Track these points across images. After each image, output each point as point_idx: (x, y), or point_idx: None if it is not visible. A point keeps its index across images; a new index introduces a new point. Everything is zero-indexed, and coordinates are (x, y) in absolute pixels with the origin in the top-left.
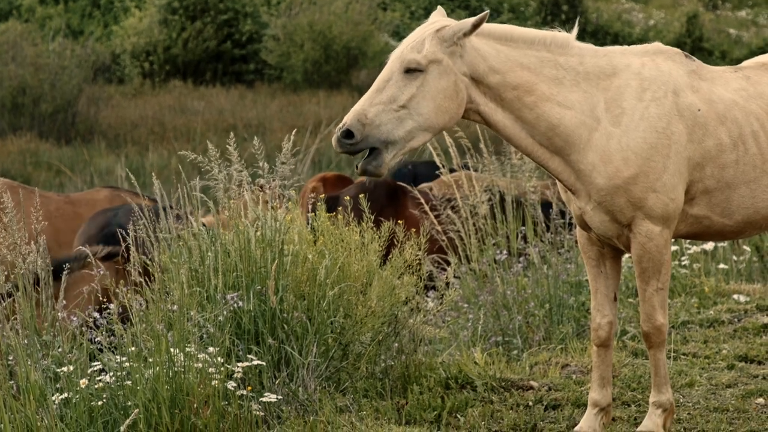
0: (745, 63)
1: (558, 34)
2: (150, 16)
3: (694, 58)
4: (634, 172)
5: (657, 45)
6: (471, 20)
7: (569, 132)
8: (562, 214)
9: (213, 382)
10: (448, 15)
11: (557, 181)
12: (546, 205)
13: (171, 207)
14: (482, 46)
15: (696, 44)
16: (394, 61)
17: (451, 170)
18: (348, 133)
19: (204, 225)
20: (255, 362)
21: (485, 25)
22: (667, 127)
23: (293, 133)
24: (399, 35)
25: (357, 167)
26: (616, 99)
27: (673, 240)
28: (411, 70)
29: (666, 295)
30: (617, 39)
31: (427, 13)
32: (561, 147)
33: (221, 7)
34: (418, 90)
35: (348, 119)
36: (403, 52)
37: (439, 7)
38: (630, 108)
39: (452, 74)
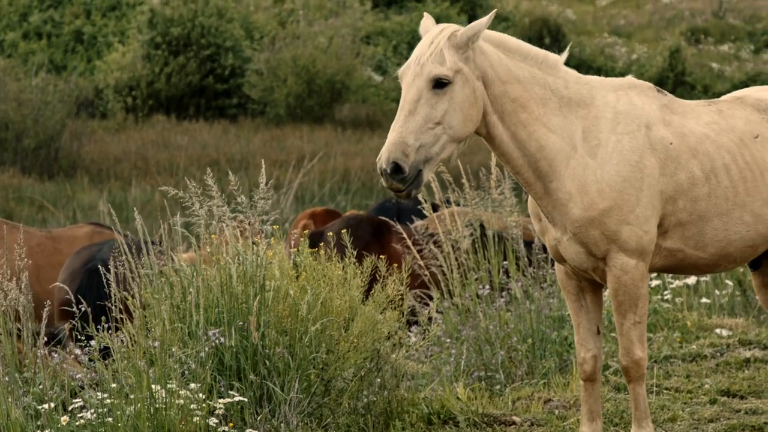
0: (722, 98)
1: (550, 54)
2: (133, 51)
3: (665, 92)
4: (609, 204)
5: (630, 79)
6: (483, 21)
7: (552, 156)
8: (545, 248)
9: (194, 419)
10: None
11: (532, 213)
12: (528, 243)
13: (153, 242)
14: (488, 50)
15: (678, 78)
16: (418, 79)
17: (434, 205)
18: (397, 168)
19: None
20: (237, 398)
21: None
22: (640, 161)
23: (263, 165)
24: (382, 69)
25: (400, 194)
26: (593, 130)
27: (655, 274)
28: (439, 85)
29: (644, 328)
30: (600, 73)
31: (411, 47)
32: (545, 172)
33: (203, 42)
34: (450, 104)
35: (390, 153)
36: (424, 67)
37: (426, 14)
38: (605, 140)
39: (471, 81)
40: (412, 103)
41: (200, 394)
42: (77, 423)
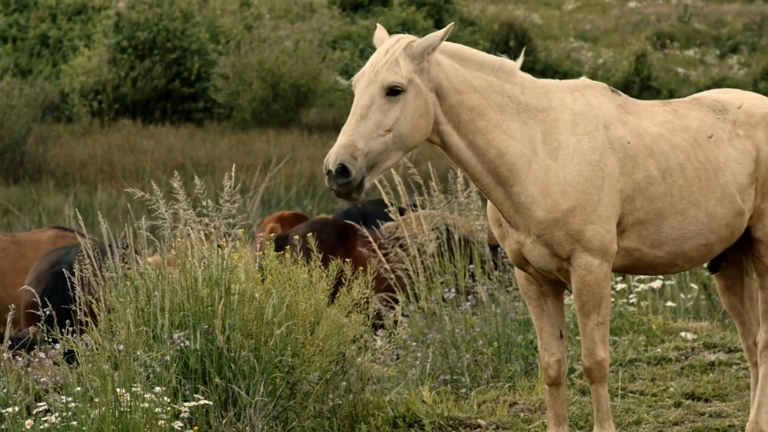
0: (680, 99)
1: (506, 61)
2: (99, 55)
3: (620, 92)
4: (572, 204)
5: (584, 80)
6: (438, 33)
7: (513, 162)
8: None
9: (159, 422)
10: None
11: (492, 218)
12: (494, 247)
13: (118, 246)
14: (443, 62)
15: (644, 83)
16: (371, 85)
17: (400, 209)
18: (344, 171)
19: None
20: (202, 402)
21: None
22: (600, 160)
23: (233, 169)
24: (348, 74)
25: (336, 191)
26: (552, 132)
27: (620, 278)
28: (393, 93)
29: (607, 329)
30: (566, 77)
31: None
32: (506, 177)
33: (169, 45)
34: (401, 112)
35: (339, 155)
36: (378, 74)
37: (379, 25)
38: (565, 141)
39: (424, 92)
40: (364, 108)
41: (165, 398)
42: (42, 427)
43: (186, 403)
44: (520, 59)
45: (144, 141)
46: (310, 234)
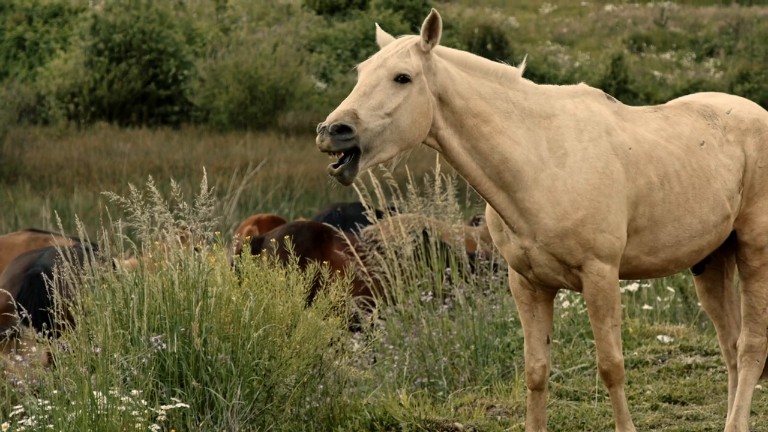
0: (667, 103)
1: (508, 68)
2: (75, 57)
3: (614, 99)
4: (583, 214)
5: (583, 86)
6: (423, 24)
7: (518, 168)
8: (488, 255)
9: (136, 426)
10: (369, 54)
11: (492, 223)
12: (471, 255)
13: (95, 249)
14: (450, 69)
15: (621, 86)
16: (380, 69)
17: (377, 212)
18: (343, 128)
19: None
20: (179, 405)
21: (445, 49)
22: (606, 167)
23: (204, 171)
24: (326, 77)
25: (332, 170)
26: (557, 139)
27: None
28: (400, 79)
29: (620, 331)
30: (543, 81)
31: (354, 54)
32: (509, 182)
33: (145, 47)
34: (404, 101)
35: (337, 116)
36: (388, 60)
37: (377, 24)
38: (571, 149)
39: (427, 92)
40: (369, 86)
41: (142, 401)
42: (18, 430)
43: (163, 406)
44: (522, 66)
45: (120, 144)
46: (286, 237)
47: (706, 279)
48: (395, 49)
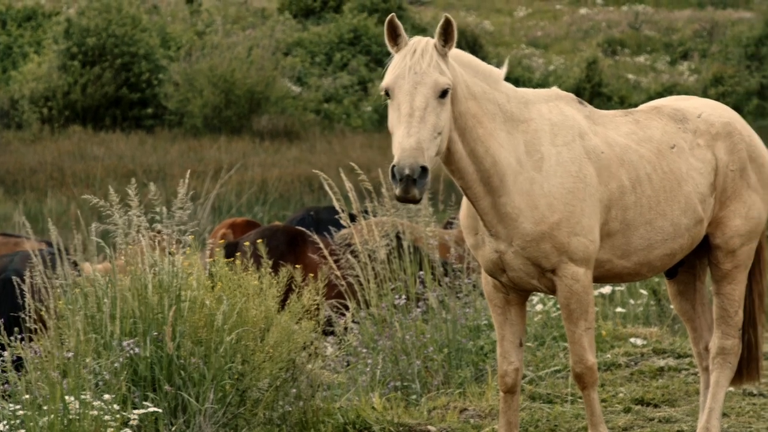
0: (638, 107)
1: (494, 68)
2: (49, 61)
3: (586, 103)
4: (558, 217)
5: (556, 90)
6: (438, 29)
7: (504, 171)
8: (461, 258)
9: (108, 430)
10: (348, 61)
11: (467, 227)
12: (444, 262)
13: (67, 253)
14: (456, 66)
15: (595, 89)
16: (422, 87)
17: (351, 215)
18: (424, 170)
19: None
20: (151, 409)
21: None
22: (580, 171)
23: (187, 176)
24: (301, 81)
25: (406, 197)
26: (534, 143)
27: None
28: (443, 95)
29: (593, 334)
30: (518, 84)
31: (328, 58)
32: (496, 187)
33: (118, 51)
34: (447, 114)
35: (415, 158)
36: (426, 76)
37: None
38: (547, 153)
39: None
40: (421, 110)
41: (114, 405)
42: None
43: (135, 411)
44: (505, 67)
45: (94, 148)
46: (260, 241)
47: (679, 282)
48: (425, 61)
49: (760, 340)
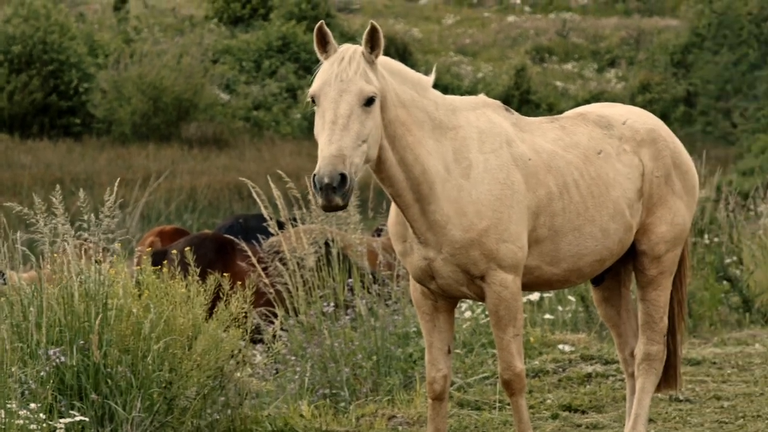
0: (563, 114)
1: (423, 76)
2: None
3: (512, 110)
4: (486, 224)
5: (483, 98)
6: (364, 36)
7: (432, 179)
8: (390, 265)
9: None
10: (276, 69)
11: (395, 234)
12: (372, 272)
13: None
14: (386, 75)
15: (524, 97)
16: (347, 95)
17: (279, 223)
18: (344, 177)
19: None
20: (78, 418)
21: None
22: (507, 178)
23: (115, 184)
24: (229, 88)
25: (334, 205)
26: (462, 150)
27: None
28: (369, 103)
29: (521, 341)
30: (447, 91)
31: (257, 65)
32: (425, 195)
33: (46, 58)
34: (373, 122)
35: (335, 165)
36: (352, 83)
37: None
38: (475, 160)
39: (380, 104)
40: (345, 117)
41: (40, 414)
42: None
43: (62, 420)
44: (433, 75)
45: (21, 156)
46: (188, 249)
47: (604, 288)
48: (352, 68)
49: (680, 348)
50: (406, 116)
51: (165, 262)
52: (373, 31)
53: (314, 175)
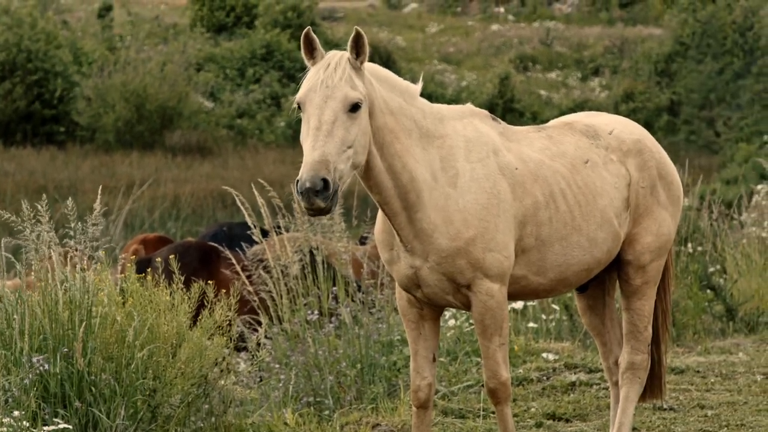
0: (549, 123)
1: (410, 84)
2: None
3: (499, 120)
4: (473, 233)
5: (470, 107)
6: (349, 43)
7: (420, 187)
8: (374, 274)
9: None
10: (260, 76)
11: (382, 242)
12: (357, 281)
13: None
14: (374, 82)
15: (507, 105)
16: (331, 101)
17: (263, 231)
18: (326, 182)
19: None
20: (62, 426)
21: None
22: (494, 187)
23: (99, 191)
24: (213, 96)
25: (316, 209)
26: (449, 159)
27: None
28: (354, 109)
29: (507, 350)
30: (431, 100)
31: (241, 73)
32: (413, 203)
33: (30, 66)
34: (359, 128)
35: (317, 170)
36: (337, 90)
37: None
38: (462, 169)
39: (366, 108)
40: (329, 123)
41: (24, 422)
42: None
43: (45, 428)
44: (420, 83)
45: (5, 163)
46: (172, 256)
47: (588, 297)
48: (337, 75)
49: (664, 357)
50: (395, 124)
51: (149, 269)
52: (358, 37)
53: (297, 180)
